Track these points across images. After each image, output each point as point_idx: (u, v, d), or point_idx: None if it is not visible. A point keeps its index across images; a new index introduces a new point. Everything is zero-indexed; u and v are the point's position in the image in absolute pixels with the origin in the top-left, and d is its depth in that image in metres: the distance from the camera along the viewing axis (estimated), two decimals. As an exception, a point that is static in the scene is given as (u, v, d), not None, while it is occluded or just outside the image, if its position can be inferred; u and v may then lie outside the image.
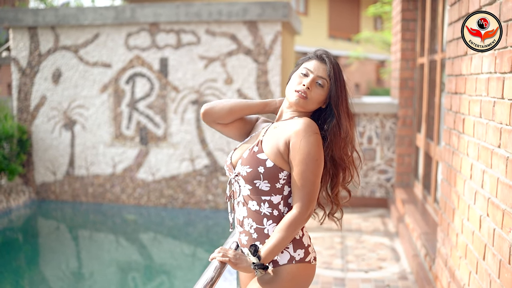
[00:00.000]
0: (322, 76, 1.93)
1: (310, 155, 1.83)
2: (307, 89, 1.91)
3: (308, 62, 1.98)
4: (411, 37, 6.24)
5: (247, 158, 1.90)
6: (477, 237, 2.68)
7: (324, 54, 1.98)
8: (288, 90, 1.97)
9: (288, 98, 1.96)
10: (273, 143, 1.89)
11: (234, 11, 7.19)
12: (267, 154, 1.87)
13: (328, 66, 1.94)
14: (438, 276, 3.62)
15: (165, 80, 7.59)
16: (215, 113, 2.07)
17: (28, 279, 5.70)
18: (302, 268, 1.92)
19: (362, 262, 4.73)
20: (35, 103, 8.01)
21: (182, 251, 6.57)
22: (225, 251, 1.89)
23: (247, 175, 1.88)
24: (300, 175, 1.83)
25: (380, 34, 15.18)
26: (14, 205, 7.71)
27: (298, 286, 1.92)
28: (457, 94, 3.19)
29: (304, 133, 1.84)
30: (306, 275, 1.94)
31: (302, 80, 1.93)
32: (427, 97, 5.47)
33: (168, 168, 7.67)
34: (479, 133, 2.69)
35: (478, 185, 2.69)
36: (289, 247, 1.91)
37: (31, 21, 7.82)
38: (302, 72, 1.95)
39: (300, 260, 1.91)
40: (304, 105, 1.92)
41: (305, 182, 1.83)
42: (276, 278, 1.90)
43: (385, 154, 6.77)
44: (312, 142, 1.84)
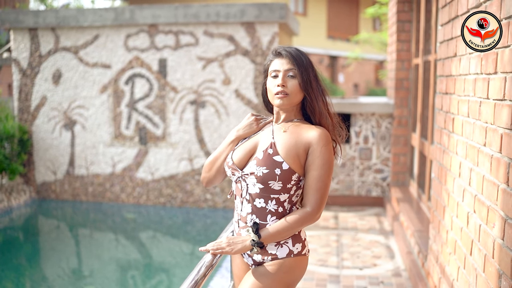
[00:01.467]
0: (289, 68, 2.02)
1: (328, 162, 1.97)
2: (283, 87, 2.00)
3: (272, 65, 2.07)
4: (407, 38, 6.32)
5: (263, 160, 1.97)
6: (465, 233, 2.76)
7: (279, 49, 2.07)
8: (270, 98, 2.06)
9: (274, 104, 2.06)
10: (290, 147, 1.98)
11: (231, 12, 7.27)
12: (283, 157, 1.96)
13: (287, 57, 2.03)
14: (430, 272, 3.70)
15: (164, 80, 7.68)
16: (213, 181, 2.20)
17: (29, 277, 5.77)
18: (298, 260, 2.01)
19: (357, 260, 4.81)
20: (35, 104, 8.10)
21: (180, 249, 6.65)
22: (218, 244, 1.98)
23: (263, 176, 1.96)
24: (317, 179, 1.95)
25: (379, 35, 15.26)
26: (15, 204, 7.80)
27: (294, 277, 2.02)
28: (447, 94, 3.28)
29: (324, 142, 1.97)
30: (302, 267, 2.04)
31: (275, 83, 2.02)
32: (421, 97, 5.56)
33: (167, 167, 7.75)
34: (467, 132, 2.76)
35: (466, 182, 2.77)
36: (288, 241, 1.99)
37: (31, 22, 7.91)
38: (272, 76, 2.05)
39: (297, 254, 2.01)
40: (288, 102, 2.02)
41: (321, 185, 1.95)
42: (273, 271, 1.98)
43: (381, 153, 6.86)
44: (330, 150, 1.99)
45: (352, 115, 6.92)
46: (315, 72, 2.07)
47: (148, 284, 5.50)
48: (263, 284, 1.97)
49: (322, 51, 22.01)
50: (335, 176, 7.01)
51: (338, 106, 6.96)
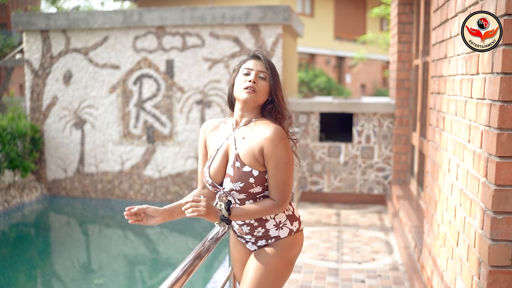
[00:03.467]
0: (262, 70, 2.17)
1: (282, 160, 2.07)
2: (254, 83, 2.13)
3: (246, 63, 2.20)
4: (407, 39, 6.46)
5: (235, 175, 2.12)
6: (453, 226, 2.91)
7: (257, 52, 2.22)
8: (237, 92, 2.16)
9: (238, 97, 2.15)
10: (250, 154, 2.11)
11: (237, 15, 7.44)
12: (250, 166, 2.10)
13: (263, 61, 2.19)
14: (424, 265, 3.85)
15: (171, 81, 7.87)
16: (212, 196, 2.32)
17: (40, 270, 5.95)
18: (298, 236, 2.23)
19: (356, 254, 4.96)
20: (47, 103, 8.32)
21: (187, 244, 6.82)
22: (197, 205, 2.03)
23: (241, 189, 2.12)
24: (274, 178, 2.09)
25: (385, 35, 15.36)
26: (27, 201, 8.02)
27: (296, 252, 2.23)
28: (439, 94, 3.43)
29: (274, 141, 2.06)
30: (300, 241, 2.25)
31: (246, 78, 2.15)
32: (421, 97, 5.70)
33: (173, 165, 7.94)
34: (455, 130, 2.91)
35: (454, 177, 2.92)
36: (287, 222, 2.19)
37: (43, 24, 8.13)
38: (243, 73, 2.17)
39: (296, 231, 2.21)
40: (255, 98, 2.13)
41: (279, 183, 2.09)
42: (278, 249, 2.18)
43: (383, 152, 7.00)
44: (282, 147, 2.06)
45: (354, 114, 7.07)
46: (281, 83, 2.22)
47: (155, 278, 5.65)
48: (270, 264, 2.15)
49: (329, 51, 22.12)
50: (338, 175, 7.16)
51: (341, 106, 7.11)
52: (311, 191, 7.28)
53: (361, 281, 4.28)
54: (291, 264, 2.21)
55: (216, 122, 2.31)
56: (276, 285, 2.17)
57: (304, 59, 21.21)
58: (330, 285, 4.19)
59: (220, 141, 2.22)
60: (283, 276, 2.19)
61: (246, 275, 2.19)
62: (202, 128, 2.33)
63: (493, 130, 2.14)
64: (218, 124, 2.29)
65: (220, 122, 2.30)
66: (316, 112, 7.24)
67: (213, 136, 2.26)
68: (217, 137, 2.24)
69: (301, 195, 7.24)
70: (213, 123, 2.31)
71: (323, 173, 7.22)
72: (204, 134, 2.30)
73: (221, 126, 2.27)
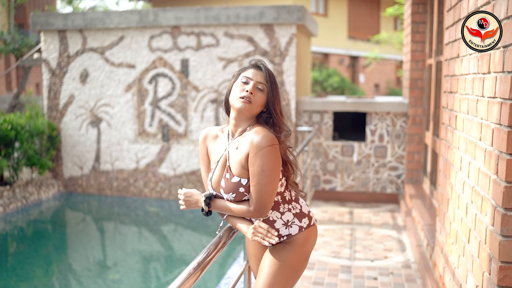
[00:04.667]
0: (261, 82, 2.15)
1: (263, 171, 2.04)
2: (251, 94, 2.11)
3: (246, 72, 2.19)
4: (421, 39, 6.47)
5: (226, 187, 2.17)
6: (464, 223, 2.95)
7: (259, 62, 2.20)
8: (232, 99, 2.16)
9: (234, 106, 2.15)
10: (238, 163, 2.13)
11: (251, 14, 7.51)
12: (238, 175, 2.13)
13: (264, 72, 2.17)
14: (436, 263, 3.88)
15: (186, 80, 7.95)
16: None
17: (57, 265, 6.06)
18: (311, 231, 2.26)
19: (369, 252, 5.00)
20: (64, 102, 8.45)
21: (201, 242, 6.89)
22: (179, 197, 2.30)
23: (234, 199, 2.18)
24: (254, 186, 2.09)
25: (399, 35, 15.31)
26: (44, 197, 8.17)
27: (309, 247, 2.27)
28: (452, 93, 3.46)
29: (258, 148, 2.04)
30: (313, 236, 2.29)
31: (244, 87, 2.14)
32: (434, 96, 5.71)
33: (188, 163, 8.03)
34: (467, 128, 2.94)
35: (465, 175, 2.96)
36: (295, 220, 2.22)
37: (61, 24, 8.26)
38: (242, 81, 2.16)
39: (307, 226, 2.25)
40: (249, 109, 2.12)
41: (257, 191, 2.09)
42: (291, 245, 2.22)
43: (396, 151, 7.02)
44: (263, 155, 2.04)
45: (367, 114, 7.10)
46: (280, 96, 2.21)
47: (169, 275, 5.71)
48: (285, 259, 2.20)
49: (343, 51, 22.09)
50: (351, 173, 7.19)
51: (354, 105, 7.14)
52: (324, 189, 7.32)
53: (374, 278, 4.33)
54: (306, 258, 2.26)
55: (214, 132, 2.31)
56: (291, 280, 2.22)
57: (317, 59, 21.21)
58: (343, 281, 4.24)
59: (219, 152, 2.25)
60: (297, 271, 2.23)
61: (261, 270, 2.24)
62: (201, 137, 2.34)
63: (503, 128, 2.17)
64: (216, 134, 2.30)
65: (218, 131, 2.30)
66: (330, 111, 7.28)
67: (213, 147, 2.29)
68: (217, 148, 2.27)
69: (314, 193, 7.28)
70: (212, 133, 2.32)
71: (336, 171, 7.26)
72: (204, 143, 2.32)
73: (220, 136, 2.29)
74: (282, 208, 2.21)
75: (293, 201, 2.24)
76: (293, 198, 2.24)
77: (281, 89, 7.56)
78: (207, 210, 2.22)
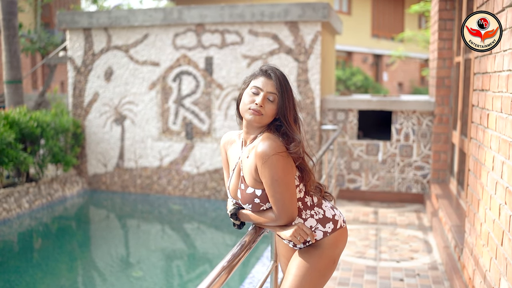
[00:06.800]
0: (271, 92, 2.07)
1: (273, 179, 2.01)
2: (260, 107, 2.05)
3: (256, 80, 2.11)
4: (448, 36, 6.35)
5: (243, 198, 2.15)
6: (497, 225, 2.87)
7: (269, 70, 2.12)
8: (242, 109, 2.11)
9: (243, 116, 2.11)
10: (250, 173, 2.10)
11: (275, 12, 7.46)
12: (252, 186, 2.11)
13: (275, 80, 2.08)
14: (465, 265, 3.79)
15: (210, 78, 7.95)
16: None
17: (81, 262, 6.11)
18: (337, 234, 2.21)
19: (394, 253, 4.92)
20: (88, 99, 8.53)
21: (224, 241, 6.89)
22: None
23: (251, 209, 2.16)
24: (272, 197, 2.06)
25: (423, 33, 15.10)
26: (68, 194, 8.26)
27: (338, 250, 2.22)
28: (483, 91, 3.37)
29: (263, 159, 2.00)
30: (342, 238, 2.23)
31: (253, 98, 2.08)
32: (462, 95, 5.60)
33: (212, 161, 8.03)
34: (500, 127, 2.86)
35: (498, 175, 2.87)
36: (318, 226, 2.17)
37: (86, 23, 8.34)
38: (252, 91, 2.09)
39: (332, 231, 2.19)
40: (259, 121, 2.07)
41: (277, 201, 2.06)
42: (318, 249, 2.19)
43: (422, 150, 6.90)
44: (270, 165, 2.00)
45: (393, 112, 7.00)
46: (294, 103, 2.13)
47: (192, 273, 5.72)
48: (313, 262, 2.17)
49: (367, 49, 21.90)
50: (376, 173, 7.10)
51: (379, 103, 7.05)
52: (349, 189, 7.24)
53: (400, 279, 4.25)
54: (334, 262, 2.21)
55: (232, 137, 2.29)
56: (318, 283, 2.18)
57: (341, 57, 21.06)
58: (368, 282, 4.18)
59: (234, 160, 2.23)
60: (325, 274, 2.19)
61: (288, 272, 2.21)
62: (222, 142, 2.32)
63: (542, 126, 2.10)
64: (234, 139, 2.28)
65: (235, 136, 2.28)
66: (355, 109, 7.20)
67: (231, 153, 2.27)
68: (233, 155, 2.25)
69: (339, 192, 7.21)
70: (231, 138, 2.29)
71: (361, 171, 7.18)
72: (224, 149, 2.31)
73: (236, 142, 2.26)
74: (304, 214, 2.16)
75: (316, 206, 2.18)
76: (315, 203, 2.18)
77: (305, 87, 7.50)
78: (238, 223, 2.25)
